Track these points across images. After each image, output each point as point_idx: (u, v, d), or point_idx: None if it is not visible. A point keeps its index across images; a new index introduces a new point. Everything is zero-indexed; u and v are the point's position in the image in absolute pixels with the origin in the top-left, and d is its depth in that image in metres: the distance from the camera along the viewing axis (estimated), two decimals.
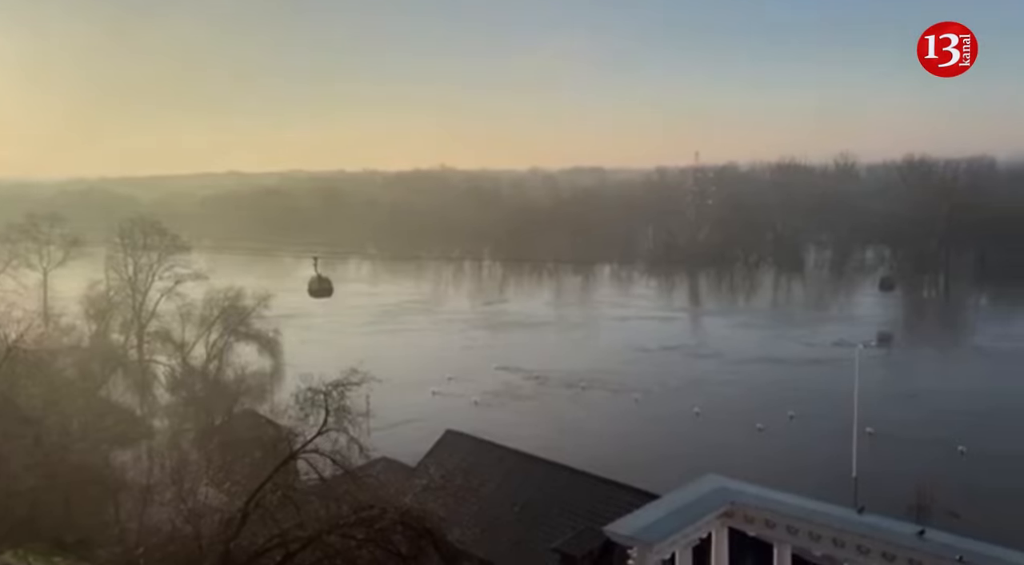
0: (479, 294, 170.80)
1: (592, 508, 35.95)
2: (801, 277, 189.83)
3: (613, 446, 66.90)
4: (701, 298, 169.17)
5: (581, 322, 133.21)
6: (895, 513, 49.09)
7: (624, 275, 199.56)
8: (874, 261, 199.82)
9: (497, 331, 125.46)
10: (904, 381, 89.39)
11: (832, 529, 24.99)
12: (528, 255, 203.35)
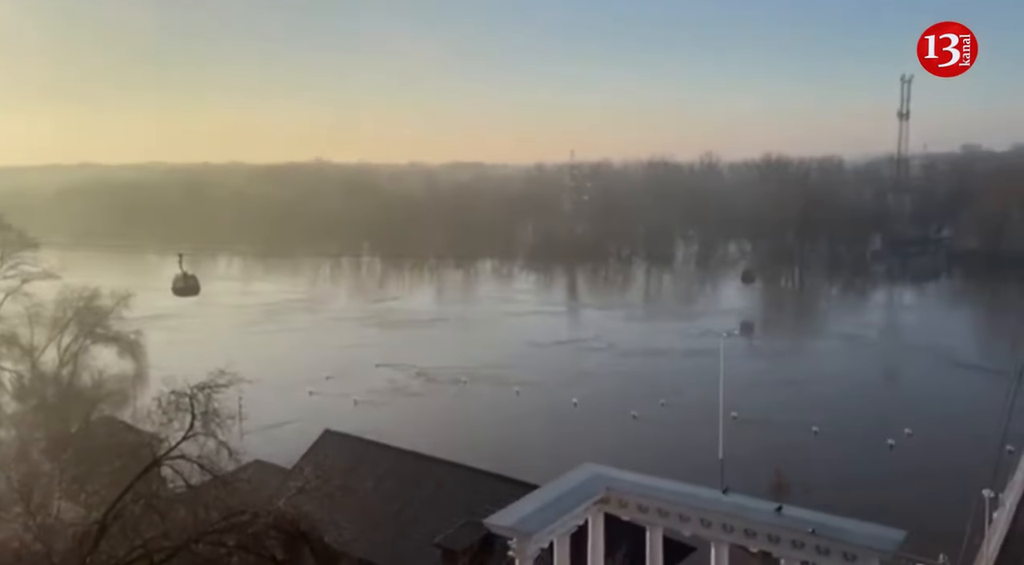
0: (366, 291, 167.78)
1: (473, 502, 36.16)
2: (671, 270, 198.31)
3: (494, 440, 67.60)
4: (583, 292, 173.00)
5: (473, 318, 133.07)
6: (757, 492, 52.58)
7: (505, 270, 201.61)
8: (737, 254, 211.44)
9: (388, 329, 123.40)
10: (764, 368, 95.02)
11: (699, 510, 26.33)
12: (408, 250, 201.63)
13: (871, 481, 56.22)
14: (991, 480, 40.56)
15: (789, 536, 24.54)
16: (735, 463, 60.39)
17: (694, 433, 68.30)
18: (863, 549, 23.31)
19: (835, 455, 63.43)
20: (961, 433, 60.89)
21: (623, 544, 30.00)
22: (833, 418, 72.29)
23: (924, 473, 56.74)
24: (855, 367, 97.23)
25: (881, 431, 67.10)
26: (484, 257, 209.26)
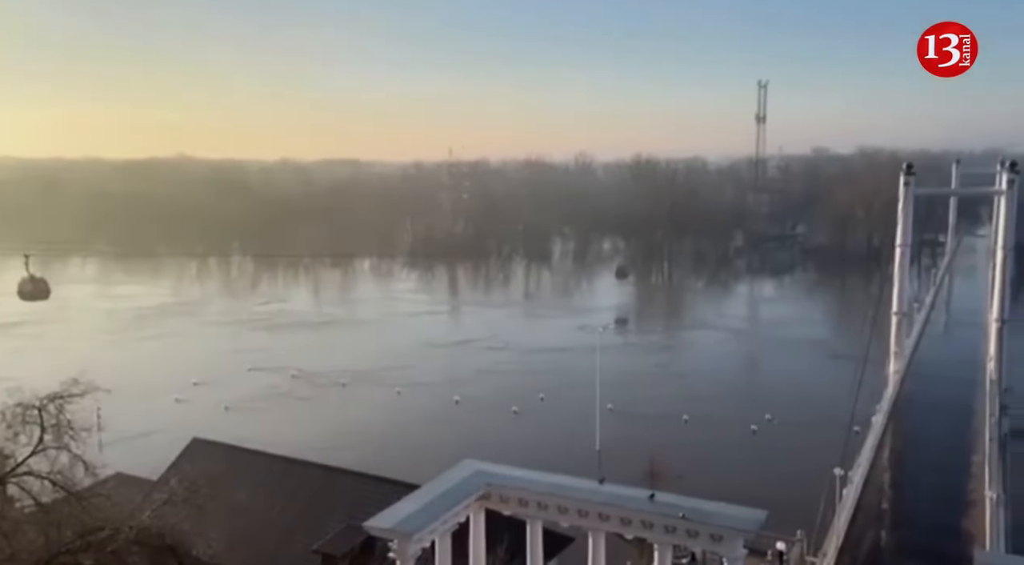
0: (242, 293, 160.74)
1: (352, 505, 35.48)
2: (549, 267, 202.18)
3: (373, 441, 66.69)
4: (466, 291, 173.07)
5: (365, 319, 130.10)
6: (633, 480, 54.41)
7: (385, 269, 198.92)
8: (611, 251, 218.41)
9: (277, 332, 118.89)
10: (638, 360, 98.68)
11: (577, 501, 26.91)
12: (282, 249, 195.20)
13: (736, 465, 59.52)
14: (840, 459, 43.82)
15: (662, 521, 25.51)
16: (612, 454, 62.29)
17: (572, 426, 69.95)
18: (729, 530, 24.56)
19: (704, 442, 66.63)
20: (815, 416, 65.18)
21: (504, 538, 30.31)
22: (702, 407, 75.90)
23: (782, 455, 60.71)
24: (722, 357, 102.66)
25: (745, 417, 71.15)
26: (362, 256, 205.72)
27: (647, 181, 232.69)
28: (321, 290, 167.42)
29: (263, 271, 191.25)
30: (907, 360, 70.27)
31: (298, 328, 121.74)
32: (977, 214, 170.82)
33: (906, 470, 49.54)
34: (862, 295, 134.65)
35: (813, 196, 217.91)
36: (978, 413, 55.77)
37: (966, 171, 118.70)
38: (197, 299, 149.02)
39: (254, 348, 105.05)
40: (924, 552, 36.18)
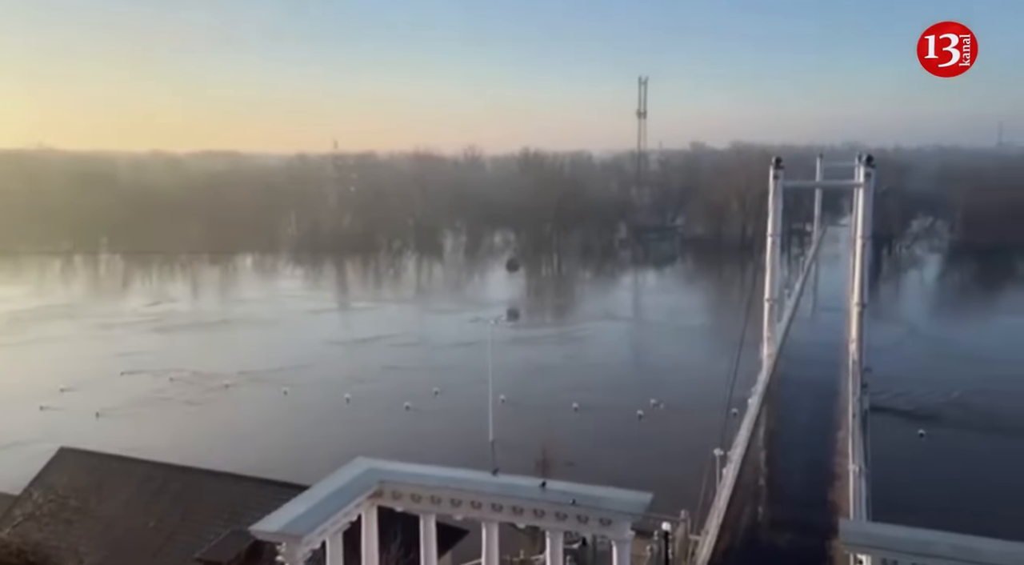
0: (128, 293, 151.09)
1: (238, 510, 34.19)
2: (441, 261, 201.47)
3: (258, 443, 64.55)
4: (357, 287, 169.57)
5: (258, 319, 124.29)
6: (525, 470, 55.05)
7: (268, 265, 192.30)
8: (502, 244, 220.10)
9: (167, 334, 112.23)
10: (530, 351, 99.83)
11: (470, 493, 26.95)
12: (154, 246, 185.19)
13: (623, 450, 61.34)
14: (720, 440, 46.00)
15: (553, 509, 25.93)
16: (505, 444, 62.84)
17: (466, 419, 70.08)
18: (617, 514, 25.25)
19: (593, 429, 68.32)
20: (697, 400, 68.03)
21: (398, 535, 30.00)
22: (592, 395, 77.64)
23: (666, 438, 63.01)
24: (610, 346, 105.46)
25: (632, 404, 73.36)
26: (243, 252, 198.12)
27: (535, 175, 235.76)
28: (203, 289, 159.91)
29: (135, 269, 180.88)
30: (779, 344, 74.52)
31: (190, 329, 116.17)
32: (839, 205, 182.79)
33: (779, 447, 52.55)
34: (738, 283, 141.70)
35: (691, 189, 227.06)
36: (842, 392, 59.86)
37: (829, 165, 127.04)
38: (70, 300, 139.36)
39: (137, 351, 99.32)
40: (796, 524, 38.47)
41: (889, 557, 23.54)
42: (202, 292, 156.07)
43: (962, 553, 22.92)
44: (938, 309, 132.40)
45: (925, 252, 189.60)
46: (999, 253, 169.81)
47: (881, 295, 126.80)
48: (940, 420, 70.03)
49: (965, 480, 55.15)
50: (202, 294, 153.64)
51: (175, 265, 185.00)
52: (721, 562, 34.77)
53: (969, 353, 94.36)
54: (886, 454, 52.34)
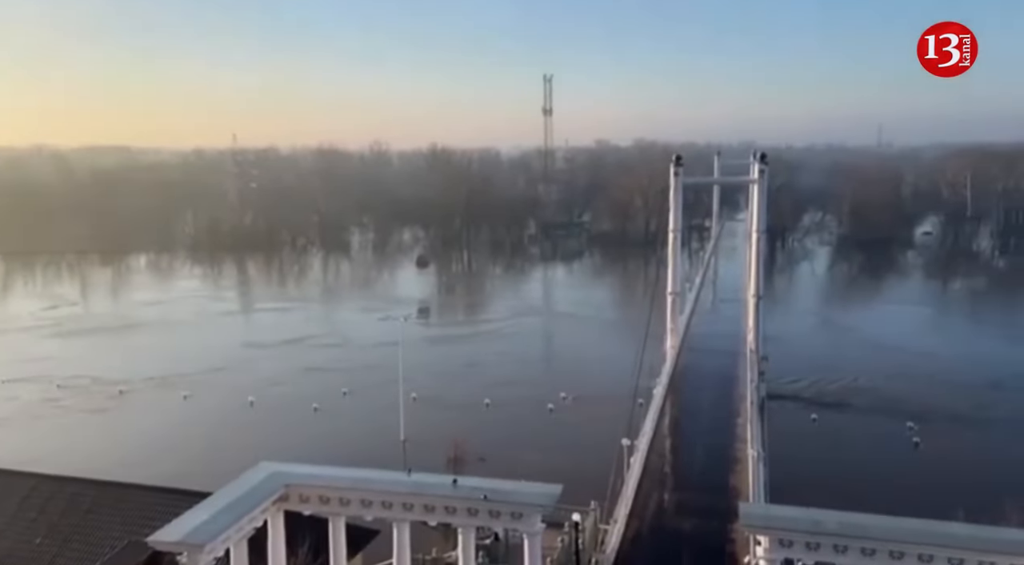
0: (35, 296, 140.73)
1: (134, 520, 32.61)
2: (348, 258, 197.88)
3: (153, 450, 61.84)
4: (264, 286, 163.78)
5: (169, 321, 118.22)
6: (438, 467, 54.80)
7: (165, 265, 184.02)
8: (411, 241, 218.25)
9: (67, 339, 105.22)
10: (442, 348, 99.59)
11: (380, 493, 26.66)
12: (38, 246, 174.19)
13: (534, 443, 61.88)
14: (627, 430, 47.12)
15: (464, 505, 25.99)
16: (417, 443, 62.39)
17: (377, 419, 69.18)
18: (527, 507, 25.53)
19: (504, 424, 68.66)
20: (606, 391, 69.30)
21: (306, 539, 29.34)
22: (503, 391, 77.95)
23: (576, 430, 63.97)
24: (520, 342, 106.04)
25: (543, 397, 74.12)
26: (137, 251, 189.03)
27: (443, 171, 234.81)
28: (99, 290, 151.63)
29: (18, 271, 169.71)
30: (681, 335, 77.00)
31: (93, 333, 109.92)
32: (736, 201, 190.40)
33: (684, 435, 54.33)
34: (642, 277, 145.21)
35: (597, 186, 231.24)
36: (741, 380, 62.41)
37: (726, 162, 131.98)
38: None
39: (36, 357, 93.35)
40: (700, 509, 39.88)
41: (785, 537, 24.71)
42: (99, 294, 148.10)
43: (850, 529, 24.35)
44: (828, 299, 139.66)
45: (815, 245, 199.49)
46: (881, 245, 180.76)
47: (776, 286, 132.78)
48: (831, 404, 73.93)
49: (853, 460, 58.41)
50: (99, 296, 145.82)
51: (61, 266, 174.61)
52: (629, 549, 35.66)
53: (857, 340, 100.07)
54: (782, 438, 54.87)
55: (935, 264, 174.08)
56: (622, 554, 35.07)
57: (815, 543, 24.36)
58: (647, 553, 35.92)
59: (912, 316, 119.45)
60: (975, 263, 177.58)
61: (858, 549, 24.07)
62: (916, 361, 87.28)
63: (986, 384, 79.53)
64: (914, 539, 24.02)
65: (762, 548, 25.42)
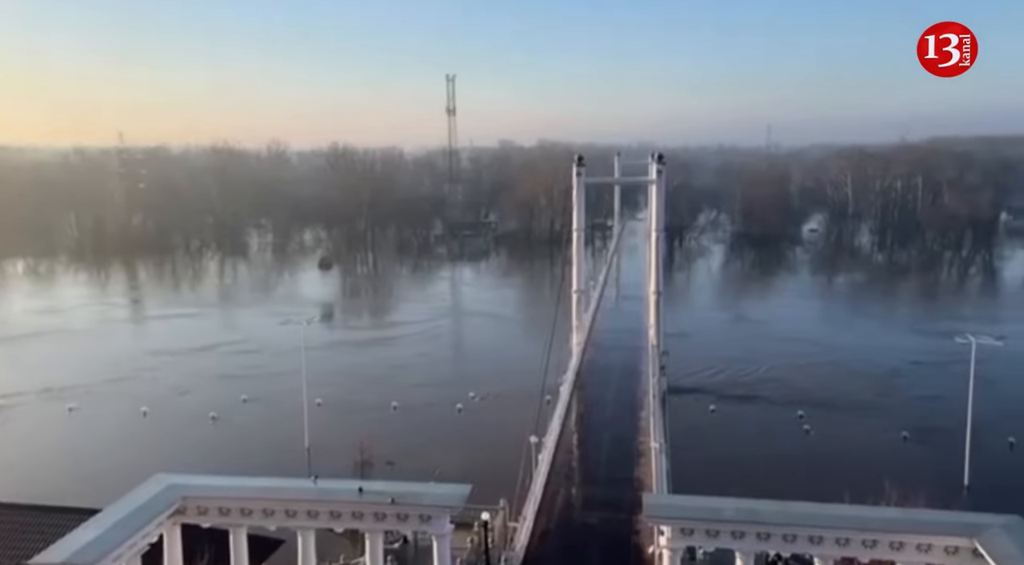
0: None
1: (17, 542, 30.51)
2: (247, 261, 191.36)
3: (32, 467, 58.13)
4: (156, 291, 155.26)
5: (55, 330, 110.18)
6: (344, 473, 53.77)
7: (44, 270, 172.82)
8: (313, 242, 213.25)
9: None
10: (347, 351, 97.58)
11: (283, 502, 26.01)
12: None
13: (443, 444, 61.68)
14: (535, 427, 47.60)
15: (371, 510, 25.67)
16: (323, 449, 61.10)
17: (280, 426, 67.31)
18: (436, 509, 25.49)
19: (412, 426, 68.02)
20: (514, 390, 69.78)
21: (205, 553, 28.26)
22: (411, 393, 77.25)
23: (485, 430, 64.10)
24: (428, 343, 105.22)
25: (451, 398, 73.90)
26: (12, 256, 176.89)
27: (346, 170, 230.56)
28: None
29: None
30: (587, 332, 78.46)
31: None
32: (637, 201, 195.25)
33: (590, 430, 55.34)
34: (548, 276, 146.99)
35: (502, 186, 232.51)
36: (643, 374, 64.13)
37: (626, 163, 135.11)
38: None
39: None
40: (606, 502, 40.72)
41: (686, 526, 25.61)
42: None
43: (746, 515, 25.50)
44: (724, 294, 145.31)
45: (711, 242, 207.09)
46: (772, 241, 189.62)
47: (675, 283, 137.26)
48: (728, 396, 76.95)
49: (749, 448, 61.05)
50: None
51: None
52: (538, 546, 36.03)
53: (753, 333, 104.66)
54: (684, 430, 56.74)
55: (821, 259, 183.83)
56: (531, 550, 35.40)
57: (714, 530, 25.36)
58: (555, 548, 36.39)
59: (802, 309, 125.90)
60: (857, 258, 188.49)
61: (754, 534, 25.22)
62: (808, 351, 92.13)
63: (871, 372, 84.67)
64: (804, 522, 25.37)
65: (665, 537, 26.25)
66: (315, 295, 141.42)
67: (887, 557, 25.47)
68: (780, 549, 26.43)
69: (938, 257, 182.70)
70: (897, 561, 25.36)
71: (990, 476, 53.51)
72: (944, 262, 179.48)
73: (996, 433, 60.74)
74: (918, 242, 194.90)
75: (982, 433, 57.11)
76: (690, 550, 29.42)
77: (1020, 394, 72.94)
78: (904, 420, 66.74)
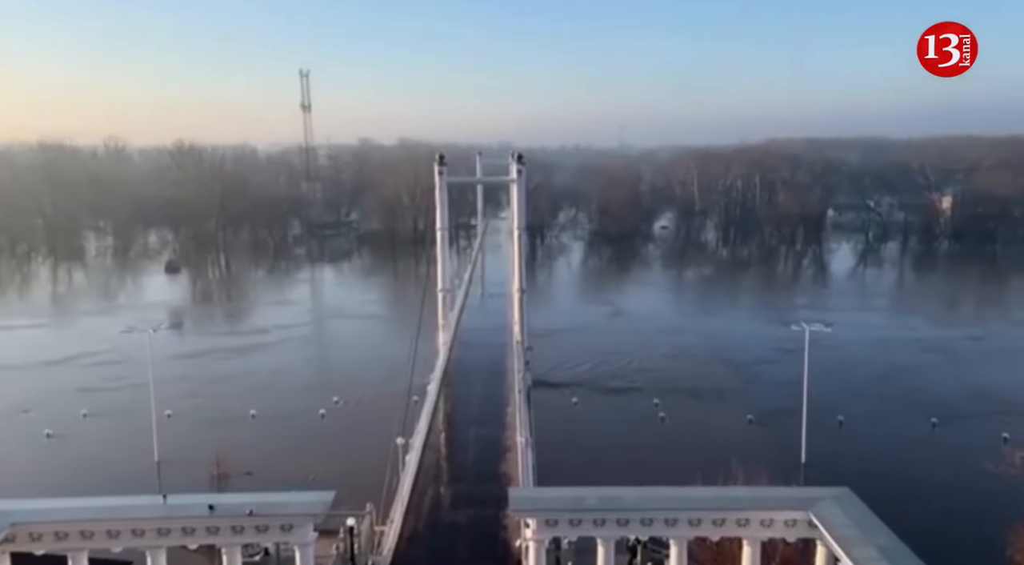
0: None
1: None
2: (83, 265, 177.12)
3: None
4: None
5: None
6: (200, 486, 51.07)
7: None
8: (159, 245, 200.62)
9: None
10: (199, 359, 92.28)
11: (129, 522, 24.30)
12: None
13: (306, 451, 59.76)
14: (402, 429, 47.05)
15: (228, 523, 24.50)
16: (175, 463, 57.78)
17: (125, 441, 62.98)
18: (298, 517, 24.68)
19: (273, 434, 65.46)
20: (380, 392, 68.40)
21: None
22: (271, 400, 74.16)
23: (351, 434, 62.70)
24: (288, 347, 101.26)
25: (314, 404, 71.67)
26: None
27: (193, 169, 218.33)
28: None
29: None
30: (453, 330, 78.64)
31: None
32: (499, 200, 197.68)
33: (457, 428, 55.60)
34: (413, 276, 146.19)
35: (363, 184, 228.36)
36: (509, 370, 65.13)
37: (488, 162, 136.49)
38: None
39: None
40: (474, 499, 41.01)
41: (551, 517, 26.22)
42: None
43: (607, 503, 26.46)
44: (584, 290, 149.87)
45: (571, 240, 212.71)
46: (626, 239, 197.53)
47: (538, 280, 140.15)
48: (589, 387, 79.40)
49: (609, 437, 63.34)
50: None
51: None
52: (406, 548, 35.74)
53: (610, 327, 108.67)
54: (548, 423, 58.02)
55: (672, 255, 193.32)
56: (399, 553, 35.06)
57: (577, 519, 26.13)
58: (424, 549, 36.24)
59: (657, 303, 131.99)
60: (704, 253, 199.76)
61: (614, 520, 26.21)
62: (663, 342, 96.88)
63: (721, 360, 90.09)
64: (660, 506, 26.64)
65: (530, 530, 26.76)
66: (162, 300, 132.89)
67: (735, 534, 27.21)
68: (639, 533, 27.58)
69: (775, 251, 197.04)
70: (743, 536, 27.14)
71: (823, 453, 58.30)
72: (781, 256, 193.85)
73: (829, 413, 66.22)
74: (757, 237, 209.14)
75: (817, 414, 62.07)
76: (556, 541, 30.12)
77: (853, 377, 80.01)
78: (750, 404, 71.42)
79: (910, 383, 79.83)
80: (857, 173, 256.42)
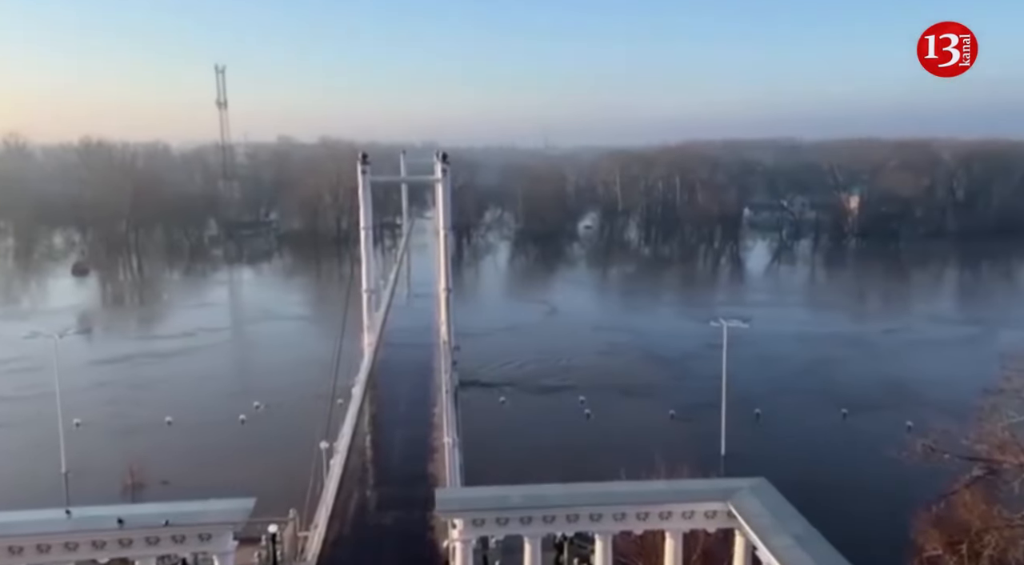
0: None
1: None
2: None
3: None
4: None
5: None
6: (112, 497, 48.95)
7: None
8: (65, 246, 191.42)
9: None
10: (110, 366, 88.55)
11: (32, 537, 22.99)
12: None
13: (225, 458, 58.04)
14: (326, 432, 46.14)
15: (141, 535, 23.48)
16: (85, 474, 55.25)
17: (29, 452, 59.89)
18: (216, 526, 23.87)
19: (190, 442, 63.29)
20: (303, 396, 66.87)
21: None
22: (187, 408, 71.46)
23: (273, 439, 61.13)
24: (206, 352, 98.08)
25: (233, 409, 69.65)
26: None
27: (102, 167, 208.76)
28: None
29: None
30: (379, 331, 77.64)
31: None
32: (424, 199, 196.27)
33: (383, 430, 54.87)
34: (336, 276, 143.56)
35: (283, 183, 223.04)
36: (436, 370, 64.66)
37: (412, 161, 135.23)
38: None
39: None
40: (401, 501, 40.51)
41: (477, 517, 26.15)
42: None
43: (533, 501, 26.57)
44: (510, 289, 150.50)
45: (497, 239, 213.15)
46: (552, 238, 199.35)
47: (464, 280, 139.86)
48: (516, 386, 79.86)
49: (535, 435, 63.80)
50: None
51: None
52: (331, 553, 35.06)
53: (537, 325, 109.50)
54: (475, 422, 57.91)
55: (596, 254, 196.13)
56: (323, 558, 34.38)
57: (503, 518, 26.14)
58: (349, 553, 35.64)
59: (582, 301, 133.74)
60: (627, 252, 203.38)
61: (540, 518, 26.34)
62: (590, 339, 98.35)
63: (646, 356, 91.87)
64: (585, 502, 26.92)
65: (457, 530, 26.63)
66: (70, 304, 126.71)
67: (658, 526, 27.74)
68: (565, 529, 27.80)
69: (695, 249, 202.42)
70: (666, 529, 27.70)
71: (741, 444, 60.21)
72: (700, 254, 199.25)
73: (748, 406, 68.42)
74: (678, 236, 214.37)
75: (737, 407, 64.06)
76: (483, 540, 30.09)
77: (770, 371, 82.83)
78: (673, 400, 73.05)
79: (823, 375, 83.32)
80: (772, 173, 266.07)
